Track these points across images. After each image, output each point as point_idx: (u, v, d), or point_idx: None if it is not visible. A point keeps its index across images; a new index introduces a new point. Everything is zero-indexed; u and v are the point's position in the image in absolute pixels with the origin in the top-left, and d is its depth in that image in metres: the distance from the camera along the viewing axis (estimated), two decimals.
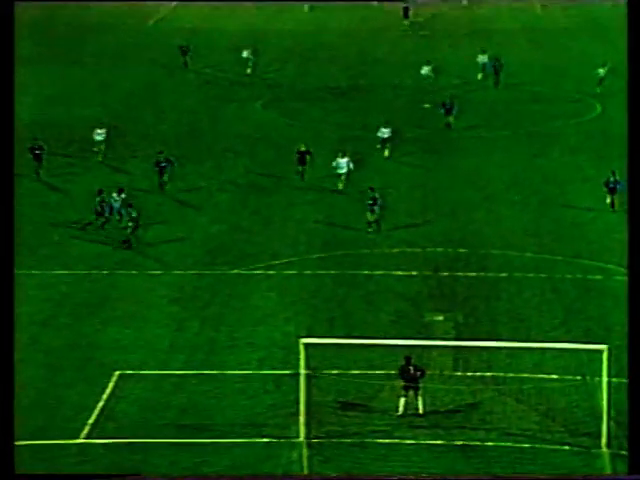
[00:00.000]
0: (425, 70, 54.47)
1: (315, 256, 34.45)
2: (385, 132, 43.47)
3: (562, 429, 23.77)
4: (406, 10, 71.84)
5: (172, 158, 40.19)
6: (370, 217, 35.73)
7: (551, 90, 54.87)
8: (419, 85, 54.41)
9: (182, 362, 27.19)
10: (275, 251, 34.49)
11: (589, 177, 41.87)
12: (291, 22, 74.93)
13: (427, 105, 51.83)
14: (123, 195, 35.74)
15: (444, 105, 48.45)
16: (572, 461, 22.61)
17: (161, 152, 40.09)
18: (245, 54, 58.20)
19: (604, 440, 23.10)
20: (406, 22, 71.57)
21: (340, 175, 39.59)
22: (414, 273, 32.80)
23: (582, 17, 74.07)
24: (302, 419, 23.78)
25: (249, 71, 57.76)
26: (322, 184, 41.62)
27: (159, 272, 32.73)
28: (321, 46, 66.63)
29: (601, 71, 52.42)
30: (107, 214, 35.47)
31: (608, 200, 36.62)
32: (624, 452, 22.78)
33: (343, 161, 39.58)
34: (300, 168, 40.64)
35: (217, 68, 59.93)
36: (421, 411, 24.48)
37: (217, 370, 26.77)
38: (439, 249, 34.79)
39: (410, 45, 66.31)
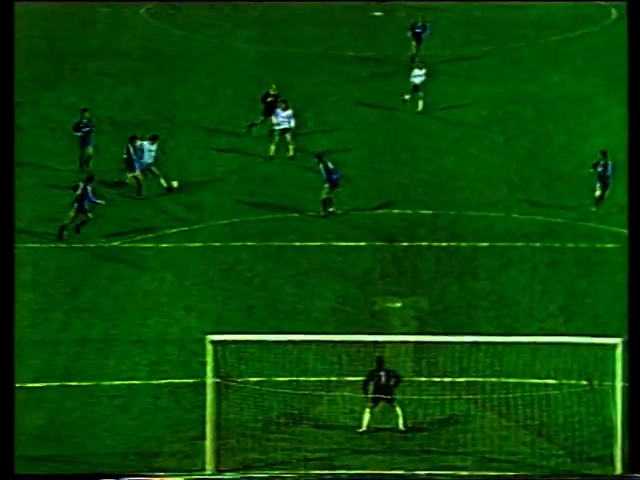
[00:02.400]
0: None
1: (225, 222, 34.71)
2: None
3: (561, 452, 24.36)
4: None
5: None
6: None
7: None
8: None
9: (37, 370, 27.24)
10: (171, 216, 34.63)
11: (599, 109, 42.71)
12: None
13: (378, 13, 52.38)
14: None
15: (413, 28, 49.10)
16: None
17: None
18: None
19: (618, 466, 23.71)
20: None
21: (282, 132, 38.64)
22: (362, 244, 33.23)
23: None
24: (209, 445, 24.01)
25: None
26: (235, 114, 41.97)
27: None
28: None
29: None
30: None
31: (597, 192, 35.14)
32: None
33: (285, 114, 38.78)
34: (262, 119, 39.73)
35: None
36: (401, 427, 25.03)
37: (88, 381, 26.89)
38: (395, 210, 35.25)
39: None
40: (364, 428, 25.09)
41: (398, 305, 30.27)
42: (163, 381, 26.90)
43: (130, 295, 30.80)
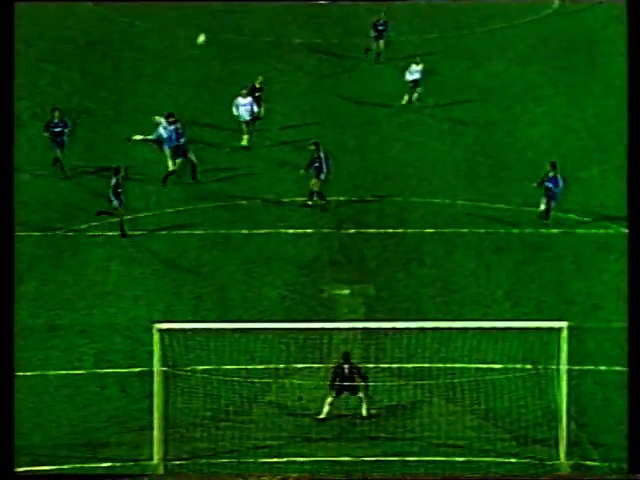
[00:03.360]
0: None
1: (172, 210, 34.61)
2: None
3: (507, 436, 24.56)
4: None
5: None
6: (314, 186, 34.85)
7: None
8: None
9: None
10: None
11: (544, 96, 42.98)
12: None
13: (324, 1, 52.46)
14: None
15: (375, 26, 49.12)
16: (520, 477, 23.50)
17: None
18: None
19: (563, 448, 23.93)
20: None
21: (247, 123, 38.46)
22: (309, 231, 33.29)
23: None
24: (157, 435, 23.94)
25: None
26: (181, 101, 41.90)
27: None
28: None
29: None
30: None
31: (542, 206, 33.74)
32: (589, 462, 23.83)
33: (245, 102, 38.58)
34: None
35: None
36: (364, 413, 25.23)
37: (33, 371, 26.76)
38: (341, 198, 35.30)
39: None
40: (324, 415, 25.20)
41: (346, 292, 30.39)
42: (110, 370, 26.86)
43: (77, 285, 30.74)
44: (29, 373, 26.73)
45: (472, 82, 44.63)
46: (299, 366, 26.71)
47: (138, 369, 26.26)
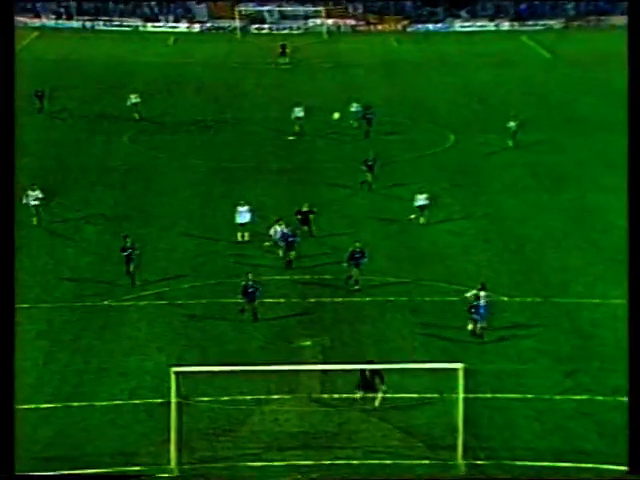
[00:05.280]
0: (296, 112, 53.08)
1: (187, 285, 34.72)
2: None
3: (421, 444, 24.77)
4: (283, 48, 72.52)
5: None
6: (356, 274, 33.59)
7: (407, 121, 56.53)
8: (285, 119, 55.18)
9: (49, 395, 27.06)
10: (146, 281, 34.57)
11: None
12: (156, 54, 75.17)
13: (291, 137, 52.91)
14: None
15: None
16: (431, 474, 23.58)
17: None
18: (133, 98, 55.85)
19: (460, 452, 24.14)
20: (285, 59, 71.85)
21: (243, 225, 37.97)
22: (282, 300, 33.38)
23: (432, 52, 76.64)
24: (173, 446, 24.06)
25: (137, 115, 55.80)
26: (192, 209, 42.03)
27: (26, 305, 32.37)
28: (186, 79, 67.07)
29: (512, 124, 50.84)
30: None
31: (470, 326, 29.82)
32: (478, 462, 23.99)
33: (243, 209, 38.07)
34: (305, 228, 37.48)
35: (81, 101, 59.64)
36: (377, 405, 25.78)
37: (86, 401, 26.75)
38: (306, 276, 35.46)
39: (277, 79, 67.35)
40: (358, 397, 25.88)
41: (308, 343, 30.38)
42: (140, 401, 26.89)
43: (116, 340, 30.62)
44: (84, 403, 26.68)
45: None
46: (275, 397, 26.79)
47: (160, 400, 26.24)
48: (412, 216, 39.91)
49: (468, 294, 30.53)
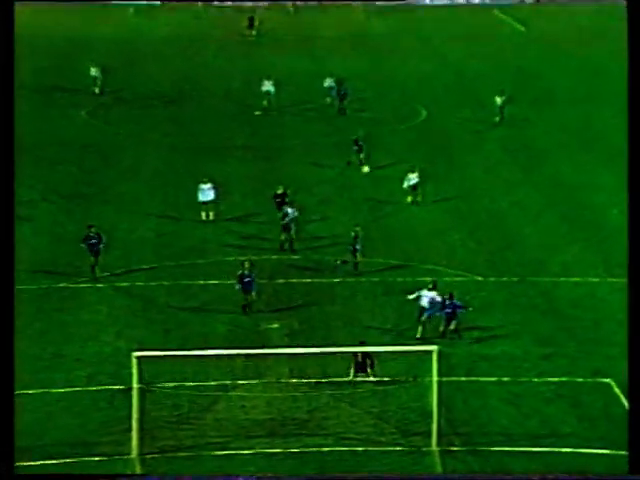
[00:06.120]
0: (266, 85, 52.44)
1: (146, 267, 34.20)
2: None
3: (394, 430, 24.44)
4: (251, 20, 71.89)
5: None
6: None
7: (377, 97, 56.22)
8: (251, 93, 54.67)
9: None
10: (104, 263, 33.90)
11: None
12: (116, 26, 74.28)
13: (258, 112, 52.39)
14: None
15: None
16: (403, 461, 23.30)
17: None
18: (92, 72, 54.75)
19: (434, 439, 23.88)
20: (251, 32, 71.22)
21: (206, 203, 37.59)
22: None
23: (402, 26, 76.27)
24: (135, 435, 23.61)
25: (96, 90, 54.72)
26: (153, 187, 41.66)
27: None
28: (148, 52, 66.29)
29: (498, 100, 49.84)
30: None
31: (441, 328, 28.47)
32: (453, 448, 23.77)
33: (206, 187, 37.65)
34: (280, 214, 35.87)
35: (36, 73, 58.75)
36: (371, 377, 26.05)
37: (42, 389, 26.22)
38: (274, 256, 35.07)
39: (242, 53, 66.76)
40: (351, 378, 26.03)
41: (276, 326, 30.09)
42: (100, 388, 26.39)
43: (73, 324, 30.14)
44: (40, 390, 26.14)
45: None
46: (241, 382, 26.41)
47: (121, 386, 25.76)
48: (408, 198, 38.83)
49: (411, 296, 29.24)
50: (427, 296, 28.93)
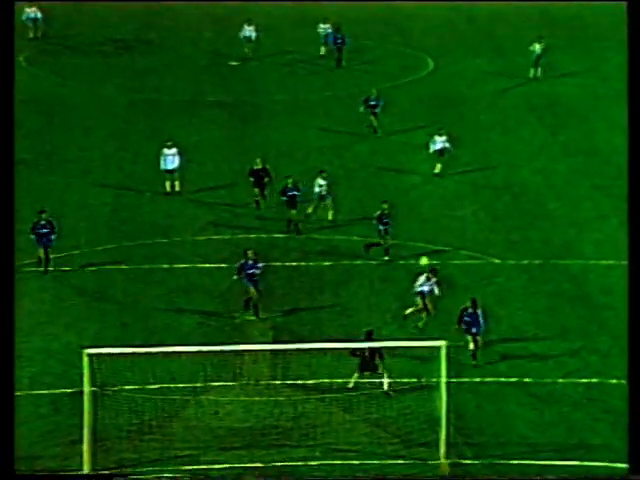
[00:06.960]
0: (246, 31, 52.58)
1: (100, 248, 34.47)
2: None
3: (395, 440, 24.80)
4: None
5: None
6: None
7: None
8: (227, 39, 54.70)
9: None
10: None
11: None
12: None
13: (234, 62, 52.47)
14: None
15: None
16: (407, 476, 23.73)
17: None
18: (30, 12, 54.59)
19: (442, 450, 24.22)
20: None
21: (170, 172, 37.87)
22: (223, 265, 33.11)
23: None
24: (86, 447, 23.88)
25: (37, 33, 54.82)
26: (107, 152, 41.81)
27: None
28: None
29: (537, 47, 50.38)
30: None
31: (471, 345, 28.17)
32: (464, 461, 24.16)
33: (171, 152, 37.91)
34: (257, 192, 36.38)
35: None
36: (386, 388, 26.24)
37: None
38: (252, 235, 35.33)
39: None
40: (351, 385, 26.23)
41: (255, 318, 30.38)
42: (44, 392, 26.61)
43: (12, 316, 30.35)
44: None
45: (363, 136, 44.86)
46: (214, 384, 26.67)
47: (70, 390, 26.02)
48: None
49: (417, 283, 29.57)
50: (427, 285, 29.50)
